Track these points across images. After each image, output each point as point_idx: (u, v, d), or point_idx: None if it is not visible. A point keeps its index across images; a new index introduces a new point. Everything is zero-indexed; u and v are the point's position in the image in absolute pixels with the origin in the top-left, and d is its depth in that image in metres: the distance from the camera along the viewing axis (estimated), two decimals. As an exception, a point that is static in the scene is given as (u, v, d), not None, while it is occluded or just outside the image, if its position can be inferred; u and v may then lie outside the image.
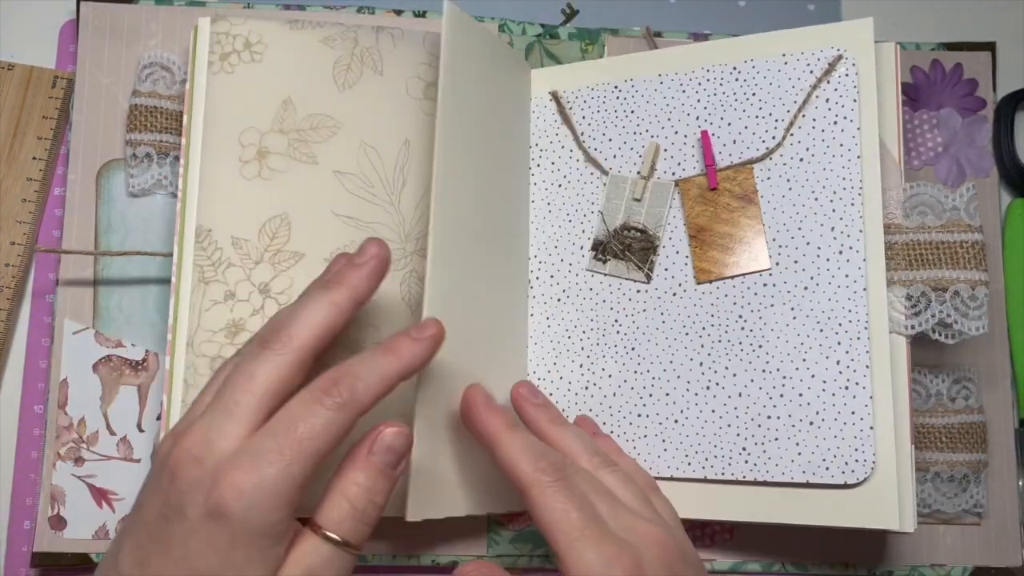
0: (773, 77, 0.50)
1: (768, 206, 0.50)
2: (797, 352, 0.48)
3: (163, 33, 0.55)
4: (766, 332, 0.48)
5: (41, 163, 0.55)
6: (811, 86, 0.49)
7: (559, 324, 0.53)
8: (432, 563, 0.52)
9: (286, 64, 0.51)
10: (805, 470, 0.47)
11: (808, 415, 0.47)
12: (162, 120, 0.53)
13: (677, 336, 0.50)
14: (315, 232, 0.50)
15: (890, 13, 0.62)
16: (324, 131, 0.51)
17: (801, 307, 0.48)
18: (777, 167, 0.50)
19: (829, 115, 0.49)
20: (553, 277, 0.53)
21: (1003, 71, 0.60)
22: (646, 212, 0.52)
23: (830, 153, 0.49)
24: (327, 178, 0.50)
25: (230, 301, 0.48)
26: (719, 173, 0.51)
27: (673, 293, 0.51)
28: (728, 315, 0.49)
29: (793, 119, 0.50)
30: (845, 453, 0.46)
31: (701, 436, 0.49)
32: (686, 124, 0.52)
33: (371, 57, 0.52)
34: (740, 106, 0.51)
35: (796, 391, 0.47)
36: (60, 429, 0.51)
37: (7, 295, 0.53)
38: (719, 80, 0.52)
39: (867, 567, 0.54)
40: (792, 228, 0.49)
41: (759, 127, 0.50)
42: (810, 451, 0.47)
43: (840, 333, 0.47)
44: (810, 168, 0.49)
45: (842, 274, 0.47)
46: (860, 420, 0.46)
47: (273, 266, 0.49)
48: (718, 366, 0.49)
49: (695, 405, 0.49)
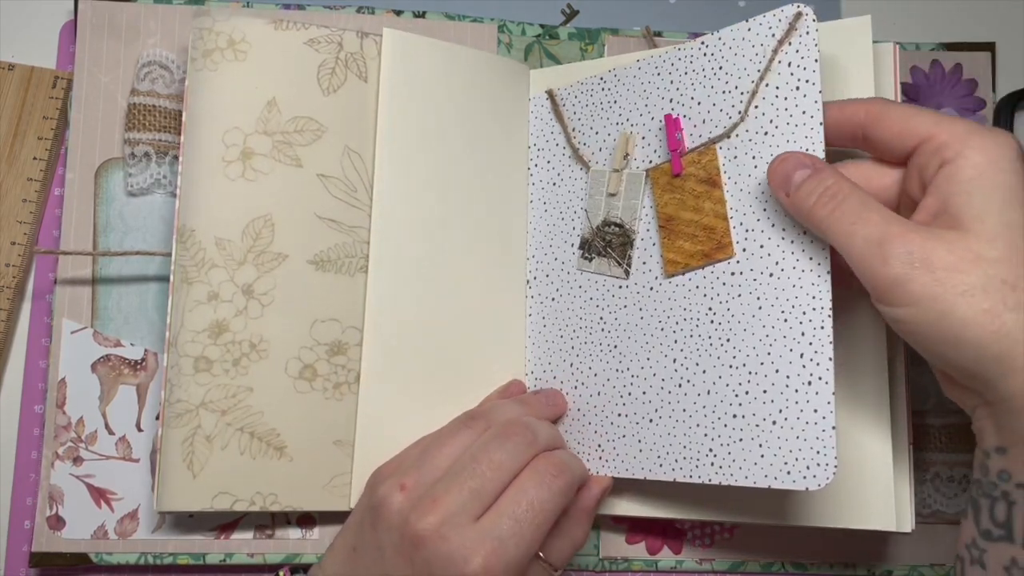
0: (737, 46, 0.46)
1: (735, 188, 0.46)
2: (763, 345, 0.44)
3: (162, 32, 0.55)
4: (733, 325, 0.45)
5: (42, 163, 0.55)
6: (772, 51, 0.45)
7: (553, 323, 0.53)
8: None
9: (270, 64, 0.50)
10: (768, 473, 0.43)
11: (771, 414, 0.43)
12: (161, 119, 0.53)
13: (653, 332, 0.48)
14: (299, 234, 0.50)
15: (890, 13, 0.62)
16: (308, 134, 0.51)
17: (766, 296, 0.44)
18: (743, 144, 0.46)
19: (792, 80, 0.44)
20: (548, 276, 0.53)
21: (1003, 71, 0.60)
22: (622, 206, 0.50)
23: (793, 123, 0.44)
24: (311, 181, 0.50)
25: (213, 302, 0.48)
26: (686, 157, 0.47)
27: (650, 288, 0.48)
28: (699, 308, 0.46)
29: (755, 89, 0.45)
30: (807, 456, 0.42)
31: (672, 436, 0.46)
32: (660, 109, 0.49)
33: (355, 63, 0.52)
34: (708, 82, 0.47)
35: (761, 388, 0.43)
36: (58, 429, 0.51)
37: (7, 295, 0.53)
38: (689, 58, 0.48)
39: (867, 567, 0.53)
40: (758, 210, 0.45)
41: (725, 102, 0.46)
42: (772, 453, 0.43)
43: (804, 323, 0.42)
44: (774, 142, 0.44)
45: (806, 256, 0.43)
46: (822, 419, 0.41)
47: (257, 267, 0.49)
48: (689, 362, 0.46)
49: (667, 404, 0.47)
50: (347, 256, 0.51)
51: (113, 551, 0.51)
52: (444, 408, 0.50)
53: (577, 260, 0.52)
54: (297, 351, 0.49)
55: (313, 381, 0.50)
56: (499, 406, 0.49)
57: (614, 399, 0.49)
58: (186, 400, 0.48)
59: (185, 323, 0.48)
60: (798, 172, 0.41)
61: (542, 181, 0.54)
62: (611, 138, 0.51)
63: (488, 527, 0.42)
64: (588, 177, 0.52)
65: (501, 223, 0.54)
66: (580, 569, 0.53)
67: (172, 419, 0.48)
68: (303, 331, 0.50)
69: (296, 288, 0.50)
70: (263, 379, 0.49)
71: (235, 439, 0.48)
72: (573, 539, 0.48)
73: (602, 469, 0.49)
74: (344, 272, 0.50)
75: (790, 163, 0.42)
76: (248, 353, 0.49)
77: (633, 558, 0.53)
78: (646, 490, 0.51)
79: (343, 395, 0.50)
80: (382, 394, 0.50)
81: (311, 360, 0.50)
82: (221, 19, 0.50)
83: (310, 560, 0.51)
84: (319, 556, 0.51)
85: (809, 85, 0.43)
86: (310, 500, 0.49)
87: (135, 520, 0.51)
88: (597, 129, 0.52)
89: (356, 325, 0.50)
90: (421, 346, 0.51)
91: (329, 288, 0.50)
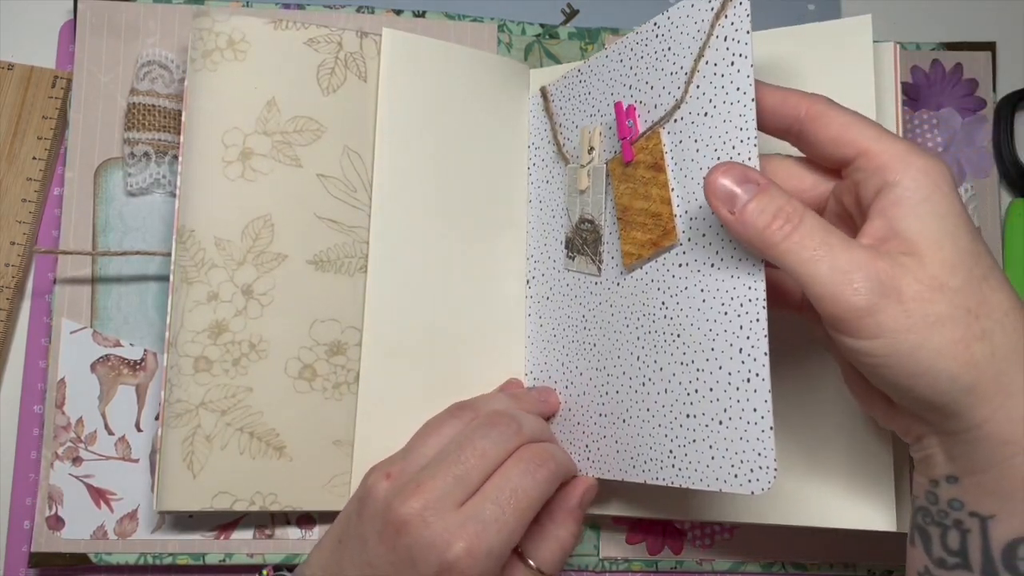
0: (681, 23, 0.43)
1: (679, 172, 0.43)
2: (707, 340, 0.41)
3: (161, 31, 0.55)
4: (682, 319, 0.42)
5: (41, 163, 0.55)
6: (710, 25, 0.41)
7: (548, 323, 0.52)
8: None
9: (270, 64, 0.50)
10: (718, 476, 0.40)
11: (718, 413, 0.40)
12: (160, 119, 0.53)
13: (619, 329, 0.47)
14: (298, 234, 0.50)
15: (890, 13, 0.62)
16: (308, 134, 0.51)
17: (708, 287, 0.41)
18: (685, 126, 0.43)
19: (727, 55, 0.41)
20: (544, 276, 0.53)
21: (1003, 71, 0.60)
22: (591, 202, 0.49)
23: (728, 101, 0.40)
24: (311, 181, 0.50)
25: (213, 302, 0.48)
26: (636, 143, 0.45)
27: (617, 283, 0.47)
28: (654, 302, 0.44)
29: (694, 67, 0.42)
30: (750, 458, 0.39)
31: (640, 436, 0.45)
32: (622, 97, 0.47)
33: (355, 63, 0.52)
34: (658, 64, 0.45)
35: (707, 385, 0.41)
36: (58, 429, 0.51)
37: (7, 295, 0.53)
38: (644, 41, 0.46)
39: (867, 567, 0.53)
40: (700, 196, 0.42)
41: (671, 83, 0.44)
42: (721, 454, 0.40)
43: (742, 315, 0.40)
44: (712, 123, 0.41)
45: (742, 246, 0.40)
46: (760, 419, 0.39)
47: (256, 267, 0.49)
48: (649, 359, 0.44)
49: (636, 403, 0.45)
50: (347, 256, 0.50)
51: (112, 551, 0.51)
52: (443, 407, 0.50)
53: (563, 259, 0.52)
54: (297, 351, 0.49)
55: (313, 381, 0.50)
56: (488, 398, 0.50)
57: (596, 398, 0.48)
58: (186, 400, 0.48)
59: (185, 323, 0.48)
60: (742, 187, 0.38)
61: (538, 180, 0.54)
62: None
63: (470, 512, 0.42)
64: (566, 174, 0.52)
65: (501, 222, 0.54)
66: (580, 569, 0.53)
67: (172, 419, 0.48)
68: (303, 331, 0.50)
69: (296, 288, 0.50)
70: (263, 379, 0.49)
71: (235, 439, 0.48)
72: (560, 541, 0.47)
73: (590, 470, 0.48)
74: (344, 272, 0.50)
75: (732, 175, 0.38)
76: (248, 353, 0.49)
77: (633, 558, 0.53)
78: (644, 490, 0.51)
79: (343, 395, 0.50)
80: (382, 394, 0.50)
81: (311, 360, 0.50)
82: (221, 19, 0.50)
83: (310, 560, 0.51)
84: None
85: (742, 59, 0.40)
86: (310, 500, 0.49)
87: (134, 520, 0.51)
88: (576, 123, 0.51)
89: (355, 325, 0.50)
90: (420, 346, 0.51)
91: (329, 288, 0.50)
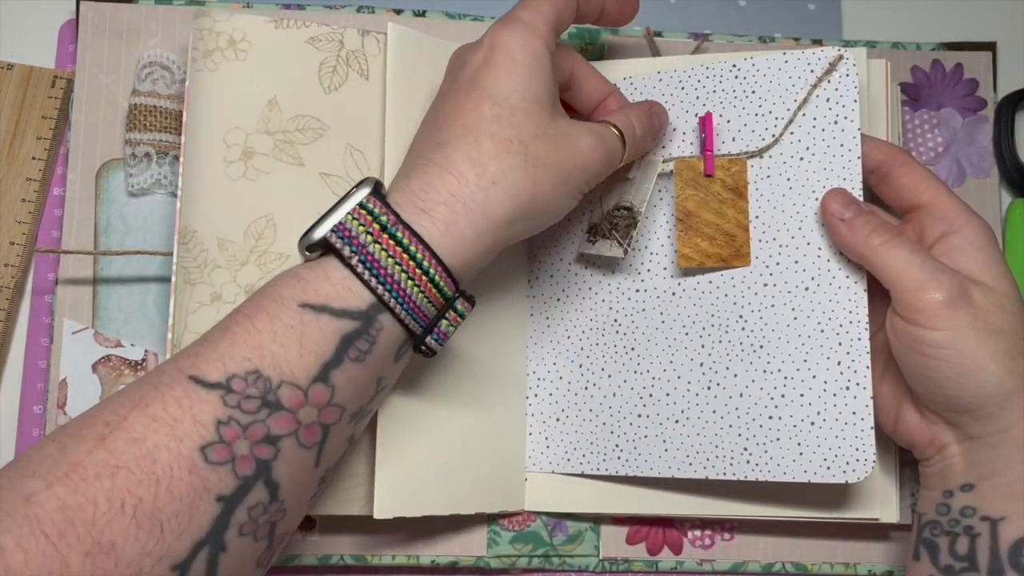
0: (773, 75, 0.50)
1: (767, 204, 0.49)
2: (798, 353, 0.47)
3: (163, 32, 0.55)
4: (767, 333, 0.48)
5: (40, 163, 0.55)
6: (812, 84, 0.49)
7: (559, 324, 0.53)
8: (432, 563, 0.52)
9: (271, 63, 0.50)
10: (807, 469, 0.46)
11: (809, 415, 0.46)
12: (161, 119, 0.53)
13: (677, 336, 0.50)
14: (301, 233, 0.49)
15: (890, 13, 0.62)
16: (310, 133, 0.50)
17: (802, 308, 0.47)
18: (776, 164, 0.49)
19: (830, 114, 0.48)
20: (552, 277, 0.53)
21: (1003, 71, 0.60)
22: (635, 190, 0.51)
23: (831, 152, 0.48)
24: (313, 180, 0.50)
25: (216, 303, 0.48)
26: (719, 162, 0.50)
27: (672, 292, 0.50)
28: (728, 315, 0.49)
29: (792, 117, 0.49)
30: (846, 453, 0.46)
31: (702, 436, 0.49)
32: (683, 120, 0.52)
33: (357, 61, 0.52)
34: (739, 103, 0.50)
35: (797, 391, 0.47)
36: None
37: (7, 295, 0.53)
38: (718, 77, 0.51)
39: (867, 567, 0.53)
40: (792, 227, 0.48)
41: (758, 124, 0.50)
42: (811, 451, 0.46)
43: (841, 334, 0.46)
44: (810, 167, 0.48)
45: (843, 275, 0.47)
46: (861, 420, 0.46)
47: (259, 267, 0.49)
48: (719, 366, 0.49)
49: (695, 406, 0.49)
50: None
51: (114, 552, 0.51)
52: (450, 406, 0.50)
53: (581, 244, 0.52)
54: (298, 352, 0.49)
55: (314, 382, 0.49)
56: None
57: (633, 401, 0.50)
58: (187, 401, 0.48)
59: (188, 325, 0.48)
60: (851, 206, 0.46)
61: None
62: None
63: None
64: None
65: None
66: (580, 570, 0.53)
67: (173, 420, 0.48)
68: (304, 332, 0.49)
69: (297, 289, 0.49)
70: (264, 380, 0.49)
71: (236, 440, 0.48)
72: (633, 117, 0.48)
73: (621, 469, 0.50)
74: (345, 272, 0.50)
75: (843, 198, 0.47)
76: (249, 354, 0.49)
77: (633, 558, 0.53)
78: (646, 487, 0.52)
79: (344, 396, 0.50)
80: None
81: (312, 361, 0.49)
82: (221, 19, 0.50)
83: (310, 561, 0.51)
84: (318, 557, 0.51)
85: (848, 122, 0.48)
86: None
87: (136, 521, 0.51)
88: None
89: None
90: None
91: (330, 288, 0.50)
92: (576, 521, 0.53)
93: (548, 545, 0.53)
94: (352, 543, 0.52)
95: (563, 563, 0.53)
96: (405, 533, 0.52)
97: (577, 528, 0.53)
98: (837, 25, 0.62)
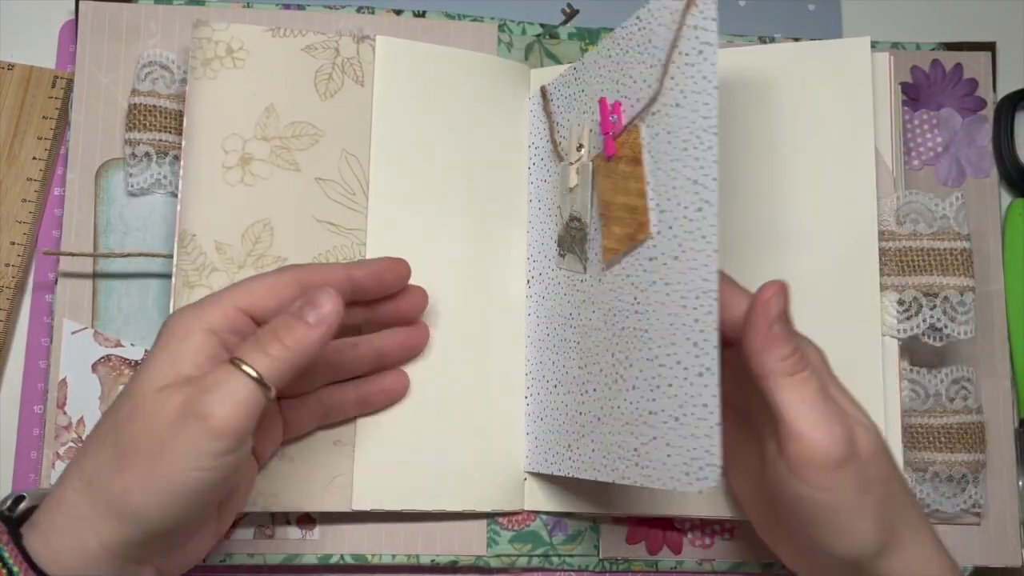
0: (660, 15, 0.43)
1: (654, 165, 0.42)
2: (669, 334, 0.40)
3: (162, 32, 0.55)
4: (650, 314, 0.42)
5: (41, 163, 0.55)
6: (682, 14, 0.41)
7: (545, 323, 0.52)
8: (432, 562, 0.52)
9: (268, 71, 0.51)
10: (673, 475, 0.39)
11: (675, 410, 0.40)
12: (161, 119, 0.53)
13: (598, 327, 0.46)
14: (297, 237, 0.50)
15: (890, 13, 0.62)
16: (306, 139, 0.51)
17: (671, 279, 0.40)
18: (661, 118, 0.42)
19: (697, 44, 0.40)
20: (543, 276, 0.53)
21: (1003, 71, 0.60)
22: (579, 199, 0.48)
23: (695, 91, 0.40)
24: (309, 185, 0.51)
25: None
26: (619, 139, 0.45)
27: (598, 280, 0.47)
28: (628, 298, 0.44)
29: (668, 58, 0.41)
30: (699, 456, 0.38)
31: (612, 435, 0.44)
32: (608, 93, 0.47)
33: (352, 68, 0.52)
34: (640, 57, 0.44)
35: (667, 381, 0.40)
36: (59, 429, 0.51)
37: (7, 295, 0.53)
38: (629, 36, 0.45)
39: (867, 567, 0.53)
40: (668, 187, 0.41)
41: (651, 76, 0.43)
42: (677, 452, 0.39)
43: (697, 307, 0.39)
44: (683, 113, 0.41)
45: (699, 235, 0.39)
46: (710, 415, 0.38)
47: (256, 270, 0.49)
48: (621, 356, 0.44)
49: (609, 401, 0.44)
50: (345, 258, 0.51)
51: (114, 551, 0.51)
52: (443, 409, 0.51)
53: (555, 259, 0.51)
54: (298, 352, 0.49)
55: (314, 382, 0.50)
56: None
57: (579, 398, 0.48)
58: (187, 401, 0.48)
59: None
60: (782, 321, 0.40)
61: (537, 179, 0.54)
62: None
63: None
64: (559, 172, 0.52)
65: (501, 223, 0.54)
66: (580, 570, 0.53)
67: (173, 420, 0.48)
68: (303, 332, 0.50)
69: (296, 289, 0.50)
70: (264, 380, 0.49)
71: (236, 440, 0.48)
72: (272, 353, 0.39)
73: (572, 470, 0.48)
74: (344, 273, 0.50)
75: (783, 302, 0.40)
76: (249, 354, 0.49)
77: (633, 558, 0.53)
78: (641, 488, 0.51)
79: (344, 396, 0.50)
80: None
81: (312, 361, 0.50)
82: (220, 28, 0.51)
83: (310, 561, 0.51)
84: (318, 556, 0.51)
85: (709, 46, 0.40)
86: (310, 500, 0.49)
87: (136, 520, 0.51)
88: (571, 121, 0.51)
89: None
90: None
91: (329, 289, 0.50)
92: (576, 521, 0.53)
93: (548, 544, 0.53)
94: (352, 543, 0.52)
95: (563, 563, 0.53)
96: (405, 533, 0.52)
97: (577, 528, 0.53)
98: (837, 25, 0.62)
